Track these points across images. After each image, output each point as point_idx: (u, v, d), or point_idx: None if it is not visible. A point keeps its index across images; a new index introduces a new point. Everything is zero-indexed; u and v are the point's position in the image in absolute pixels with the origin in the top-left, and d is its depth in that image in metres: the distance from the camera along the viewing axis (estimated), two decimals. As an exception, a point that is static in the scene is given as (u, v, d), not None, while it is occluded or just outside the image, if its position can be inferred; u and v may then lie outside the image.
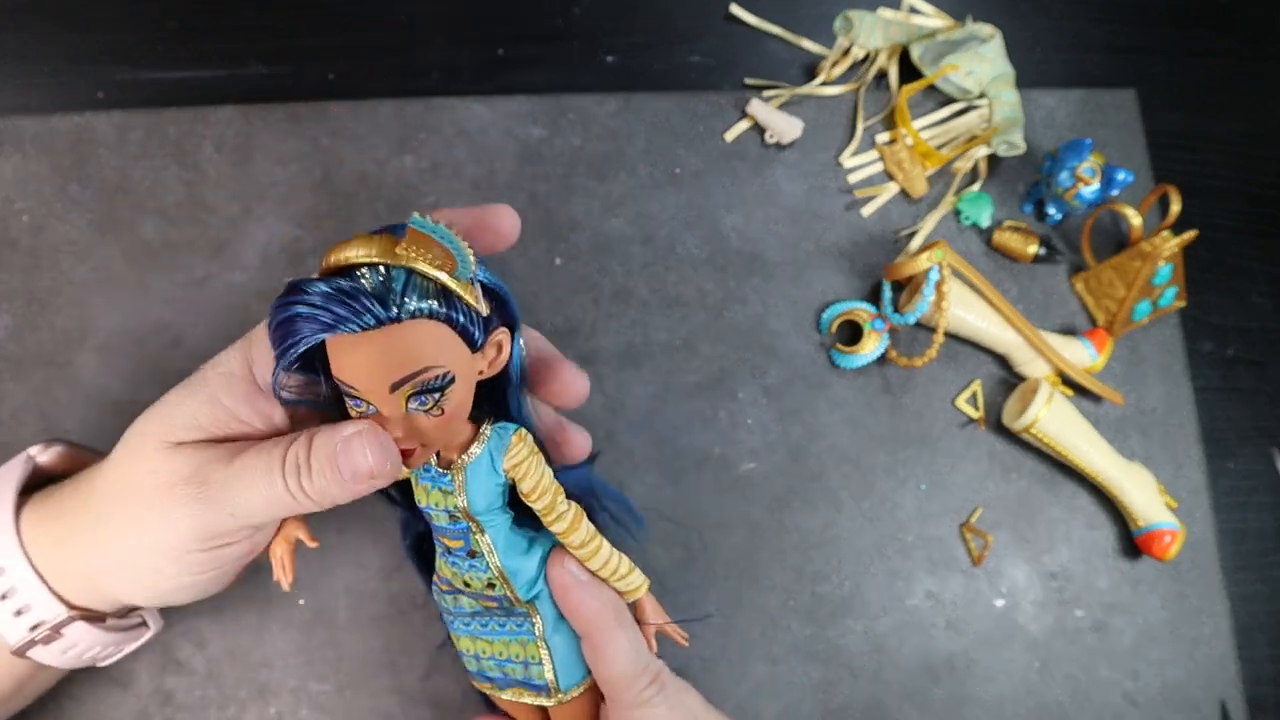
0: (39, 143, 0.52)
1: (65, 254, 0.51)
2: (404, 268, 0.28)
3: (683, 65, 0.59)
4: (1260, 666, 0.54)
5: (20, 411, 0.49)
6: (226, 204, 0.52)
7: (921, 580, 0.52)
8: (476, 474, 0.32)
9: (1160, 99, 0.62)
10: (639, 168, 0.56)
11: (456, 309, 0.29)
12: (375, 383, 0.29)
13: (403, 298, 0.28)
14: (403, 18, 0.58)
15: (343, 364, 0.29)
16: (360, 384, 0.29)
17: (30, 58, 0.55)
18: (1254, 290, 0.60)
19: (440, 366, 0.29)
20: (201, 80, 0.55)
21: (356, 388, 0.29)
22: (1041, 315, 0.57)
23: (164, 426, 0.33)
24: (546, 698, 0.35)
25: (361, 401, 0.30)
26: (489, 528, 0.33)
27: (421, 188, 0.54)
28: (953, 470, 0.54)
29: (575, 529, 0.34)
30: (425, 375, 0.29)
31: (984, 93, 0.58)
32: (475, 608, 0.35)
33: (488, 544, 0.33)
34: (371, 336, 0.28)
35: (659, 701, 0.34)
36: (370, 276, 0.28)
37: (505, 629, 0.35)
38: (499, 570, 0.34)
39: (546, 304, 0.53)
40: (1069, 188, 0.54)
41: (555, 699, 0.35)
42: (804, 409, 0.53)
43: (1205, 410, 0.57)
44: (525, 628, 0.34)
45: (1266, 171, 0.62)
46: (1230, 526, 0.56)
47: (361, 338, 0.28)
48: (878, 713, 0.50)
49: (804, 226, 0.56)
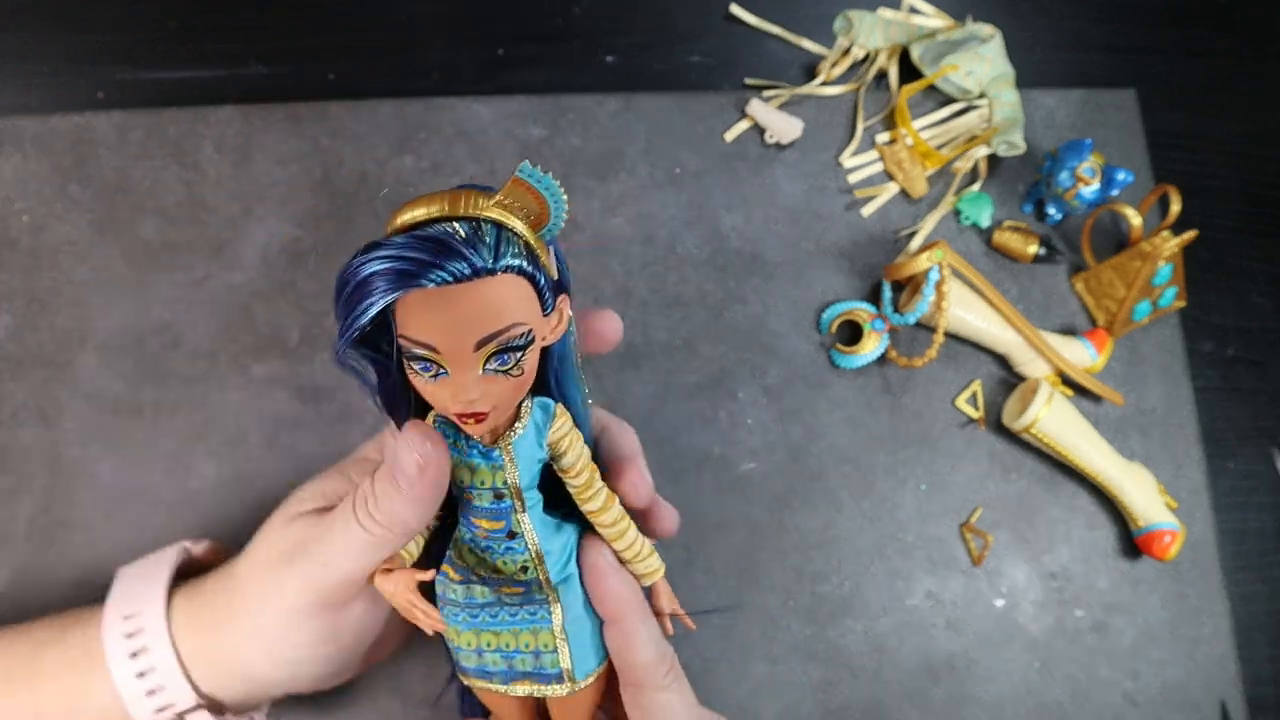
0: (39, 143, 0.52)
1: (65, 254, 0.51)
2: (492, 219, 0.27)
3: (683, 65, 0.59)
4: (1260, 666, 0.54)
5: (20, 411, 0.49)
6: (226, 204, 0.52)
7: (921, 580, 0.52)
8: (523, 448, 0.31)
9: (1160, 99, 0.62)
10: (639, 168, 0.56)
11: (539, 268, 0.28)
12: (459, 340, 0.27)
13: (497, 249, 0.27)
14: (403, 18, 0.58)
15: (423, 321, 0.27)
16: (443, 341, 0.27)
17: (30, 58, 0.55)
18: (1254, 290, 0.60)
19: (525, 324, 0.28)
20: (201, 80, 0.55)
21: (436, 347, 0.27)
22: (1041, 315, 0.57)
23: (292, 504, 0.35)
24: (559, 685, 0.34)
25: (432, 365, 0.28)
26: (530, 506, 0.33)
27: (422, 188, 0.53)
28: (953, 470, 0.54)
29: (608, 508, 0.33)
30: (512, 332, 0.28)
31: (984, 93, 0.58)
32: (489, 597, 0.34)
33: (528, 524, 0.33)
34: (458, 290, 0.27)
35: (677, 687, 0.35)
36: (459, 226, 0.27)
37: (517, 618, 0.34)
38: (537, 551, 0.33)
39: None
40: (1069, 188, 0.54)
41: (569, 687, 0.34)
42: (804, 409, 0.53)
43: (1205, 410, 0.57)
44: (539, 615, 0.34)
45: (1266, 171, 0.62)
46: (1230, 526, 0.56)
47: (446, 291, 0.26)
48: (878, 713, 0.50)
49: (804, 226, 0.56)
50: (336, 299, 0.28)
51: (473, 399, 0.28)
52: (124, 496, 0.48)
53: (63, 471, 0.48)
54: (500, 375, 0.28)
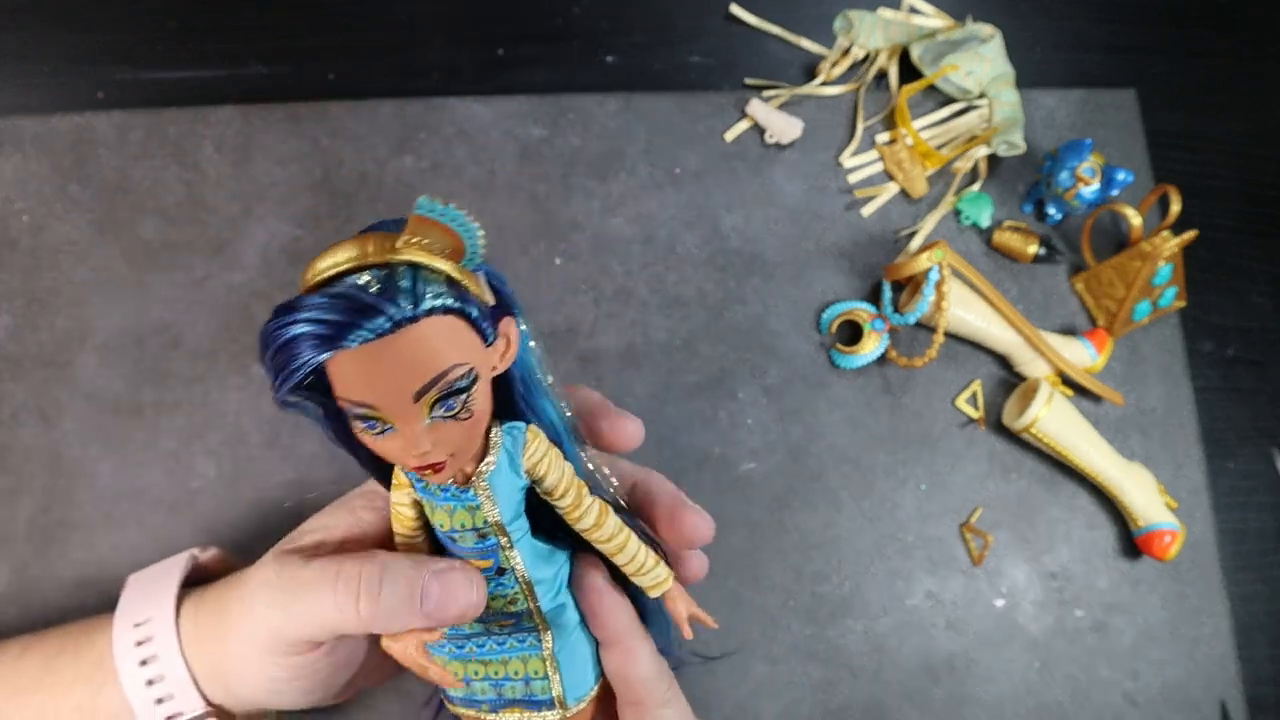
0: (39, 143, 0.52)
1: (65, 254, 0.51)
2: (406, 262, 0.26)
3: (683, 65, 0.59)
4: (1260, 666, 0.54)
5: (20, 411, 0.49)
6: (226, 204, 0.52)
7: (921, 580, 0.52)
8: (499, 481, 0.30)
9: (1160, 99, 0.62)
10: (639, 168, 0.56)
11: (468, 300, 0.26)
12: (395, 395, 0.26)
13: (414, 293, 0.25)
14: (403, 18, 0.58)
15: (353, 382, 0.26)
16: (379, 399, 0.26)
17: (30, 58, 0.55)
18: (1254, 290, 0.60)
19: (464, 363, 0.26)
20: (201, 80, 0.55)
21: (374, 405, 0.26)
22: (1041, 315, 0.57)
23: (294, 535, 0.34)
24: (550, 712, 0.33)
25: (376, 423, 0.26)
26: (517, 540, 0.31)
27: (421, 188, 0.54)
28: (953, 470, 0.54)
29: (602, 524, 0.32)
30: (451, 376, 0.26)
31: (984, 93, 0.58)
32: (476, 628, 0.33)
33: (517, 559, 0.31)
34: (383, 344, 0.25)
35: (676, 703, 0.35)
36: (371, 277, 0.25)
37: (505, 646, 0.33)
38: (526, 583, 0.32)
39: (547, 304, 0.53)
40: (1069, 188, 0.54)
41: (560, 713, 0.33)
42: (804, 409, 0.53)
43: (1205, 410, 0.57)
44: (528, 643, 0.33)
45: (1266, 171, 0.62)
46: (1230, 526, 0.56)
47: (371, 348, 0.25)
48: (878, 713, 0.50)
49: (804, 226, 0.56)
50: (261, 358, 0.26)
51: (425, 450, 0.27)
52: (124, 496, 0.48)
53: (63, 471, 0.48)
54: (449, 421, 0.27)
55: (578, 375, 0.52)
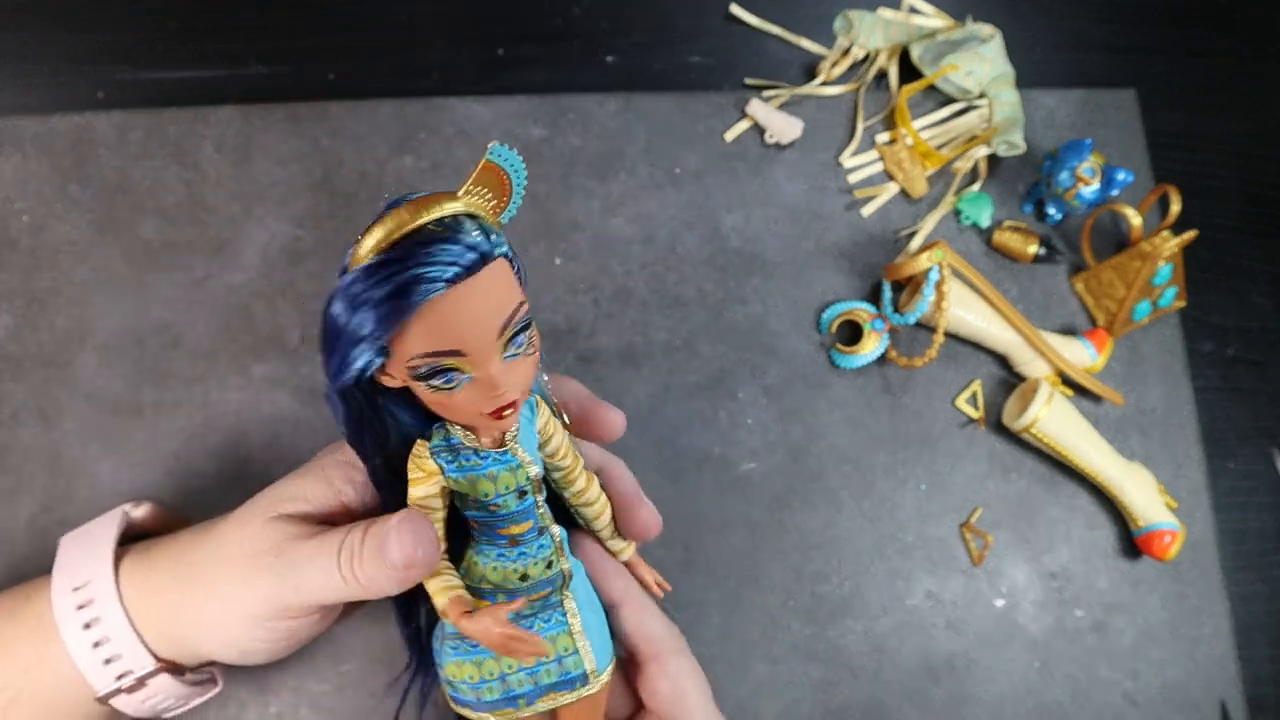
0: (39, 143, 0.52)
1: (65, 254, 0.51)
2: (467, 213, 0.28)
3: (683, 65, 0.59)
4: (1260, 666, 0.54)
5: (20, 411, 0.49)
6: (226, 204, 0.52)
7: (921, 580, 0.52)
8: (526, 440, 0.32)
9: (1160, 99, 0.62)
10: (639, 168, 0.56)
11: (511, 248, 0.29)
12: (485, 333, 0.28)
13: (487, 235, 0.27)
14: (403, 18, 0.58)
15: (445, 327, 0.27)
16: (470, 339, 0.27)
17: (30, 58, 0.55)
18: (1254, 290, 0.60)
19: (525, 301, 0.29)
20: (201, 80, 0.55)
21: (463, 349, 0.27)
22: (1041, 315, 0.57)
23: (272, 501, 0.35)
24: (584, 687, 0.34)
25: (454, 374, 0.28)
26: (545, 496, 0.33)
27: (421, 187, 0.53)
28: (953, 470, 0.54)
29: (590, 487, 0.34)
30: (522, 311, 0.28)
31: (984, 93, 0.58)
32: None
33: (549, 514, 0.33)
34: (470, 285, 0.27)
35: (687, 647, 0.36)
36: (442, 225, 0.27)
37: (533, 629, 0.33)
38: (559, 541, 0.33)
39: (547, 304, 0.53)
40: (1069, 188, 0.54)
41: (594, 684, 0.34)
42: (804, 409, 0.53)
43: (1205, 410, 0.57)
44: (554, 620, 0.33)
45: (1266, 171, 0.62)
46: (1230, 526, 0.56)
47: (461, 289, 0.27)
48: (878, 713, 0.50)
49: (804, 226, 0.56)
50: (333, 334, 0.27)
51: (503, 390, 0.28)
52: (124, 496, 0.48)
53: (63, 471, 0.48)
54: (519, 359, 0.29)
55: (578, 375, 0.52)
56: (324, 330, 0.28)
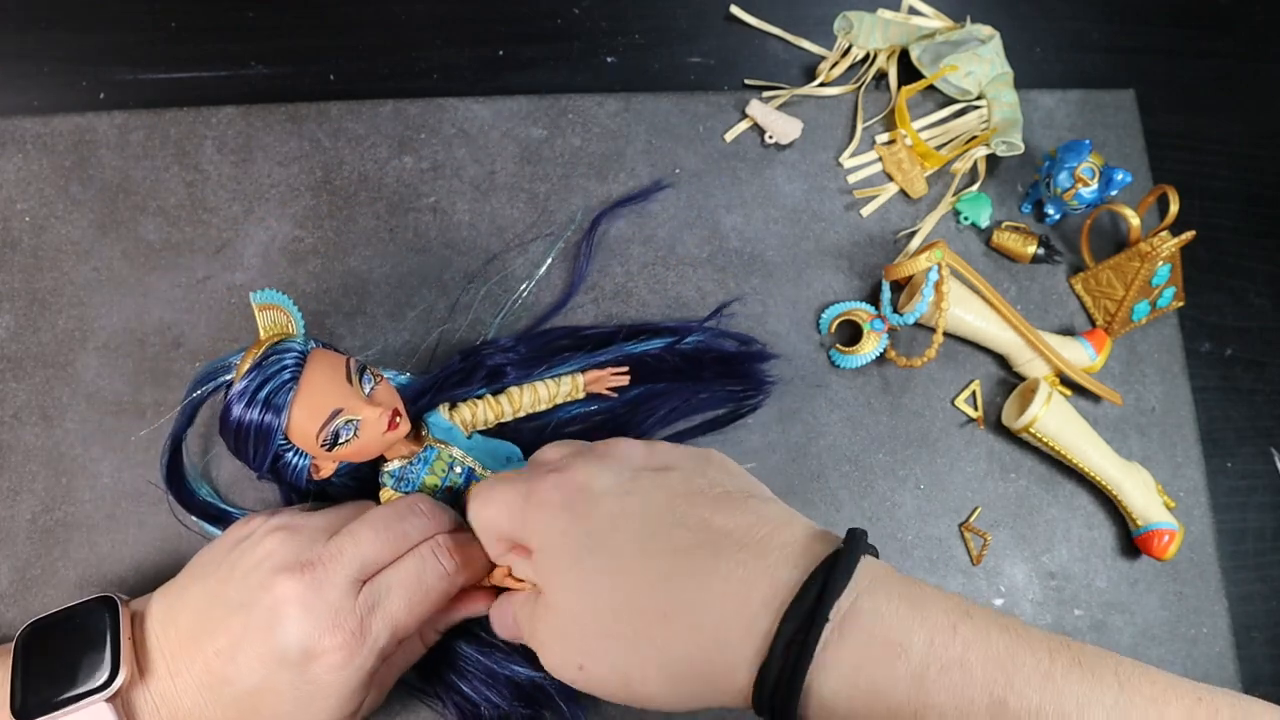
0: (40, 143, 0.52)
1: (66, 254, 0.51)
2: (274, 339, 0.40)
3: (683, 65, 0.59)
4: (1258, 666, 0.54)
5: (20, 411, 0.49)
6: (227, 204, 0.52)
7: (921, 579, 0.52)
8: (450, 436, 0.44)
9: (1159, 99, 0.62)
10: (639, 168, 0.56)
11: (317, 340, 0.43)
12: (340, 386, 0.39)
13: (298, 341, 0.40)
14: (403, 18, 0.58)
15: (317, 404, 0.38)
16: (336, 393, 0.39)
17: (30, 58, 0.55)
18: (1253, 290, 0.60)
19: (350, 357, 0.41)
20: (202, 80, 0.55)
21: (337, 400, 0.38)
22: (1040, 315, 0.57)
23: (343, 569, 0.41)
24: None
25: (350, 426, 0.39)
26: (472, 452, 0.44)
27: (421, 188, 0.54)
28: (952, 470, 0.54)
29: (520, 404, 0.46)
30: (352, 363, 0.40)
31: (983, 93, 0.58)
32: None
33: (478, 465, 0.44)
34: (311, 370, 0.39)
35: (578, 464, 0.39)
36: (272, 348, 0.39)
37: None
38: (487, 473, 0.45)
39: (547, 304, 0.53)
40: (1068, 188, 0.54)
41: None
42: (804, 409, 0.53)
43: (1204, 410, 0.57)
44: None
45: (1266, 172, 0.62)
46: (1229, 526, 0.56)
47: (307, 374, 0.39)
48: (877, 712, 0.50)
49: (804, 226, 0.56)
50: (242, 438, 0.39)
51: (384, 410, 0.40)
52: (126, 496, 0.48)
53: (64, 471, 0.48)
54: (376, 388, 0.40)
55: (578, 375, 0.52)
56: (236, 436, 0.39)
